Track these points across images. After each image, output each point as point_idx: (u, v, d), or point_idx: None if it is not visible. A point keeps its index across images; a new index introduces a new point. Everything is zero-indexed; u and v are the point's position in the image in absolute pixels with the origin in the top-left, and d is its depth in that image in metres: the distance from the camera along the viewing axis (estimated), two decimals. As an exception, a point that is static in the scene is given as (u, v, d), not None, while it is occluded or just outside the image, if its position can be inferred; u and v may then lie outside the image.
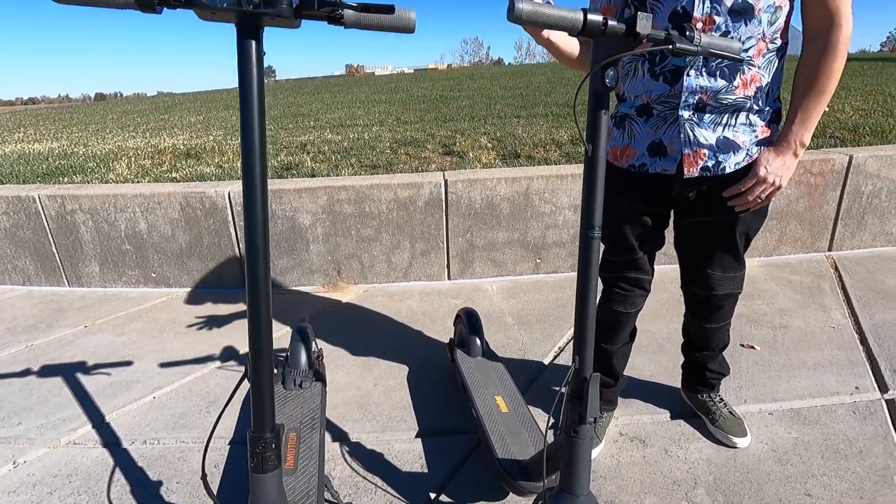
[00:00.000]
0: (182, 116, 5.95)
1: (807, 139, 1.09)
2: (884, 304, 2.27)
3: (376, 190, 2.60)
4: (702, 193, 1.17)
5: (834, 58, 1.03)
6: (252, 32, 0.74)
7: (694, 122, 1.11)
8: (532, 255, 2.76)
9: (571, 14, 0.79)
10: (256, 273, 0.84)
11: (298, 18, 0.74)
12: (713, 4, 1.02)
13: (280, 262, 2.73)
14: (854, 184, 2.77)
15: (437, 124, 4.29)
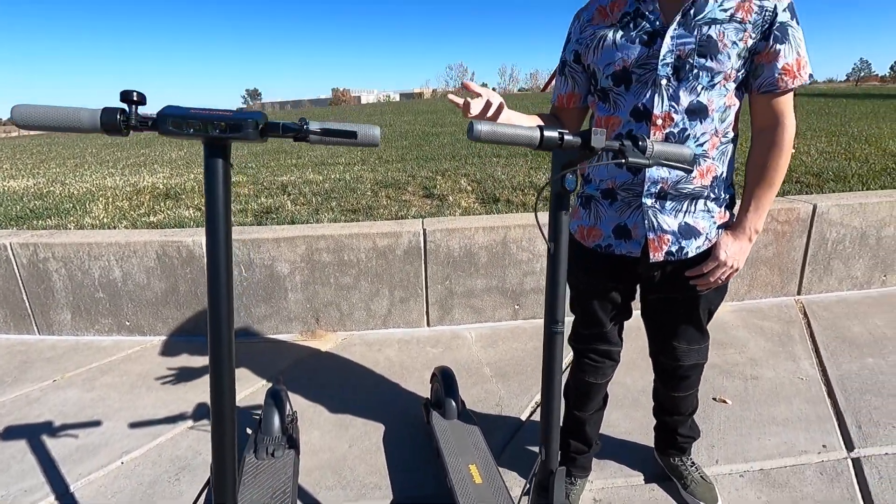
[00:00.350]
0: (163, 151, 5.93)
1: (760, 226, 1.15)
2: (849, 352, 2.33)
3: (355, 239, 2.62)
4: (666, 274, 1.22)
5: (780, 155, 1.10)
6: (219, 151, 0.76)
7: (656, 209, 1.15)
8: (510, 302, 2.78)
9: (528, 132, 0.83)
10: (220, 366, 0.84)
11: (264, 137, 0.76)
12: (671, 103, 1.08)
13: (257, 309, 2.71)
14: (819, 231, 2.87)
15: (419, 164, 4.35)
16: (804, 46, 1.08)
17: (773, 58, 1.06)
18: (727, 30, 1.04)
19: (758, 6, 1.03)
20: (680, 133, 1.09)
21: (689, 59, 1.05)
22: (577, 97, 1.26)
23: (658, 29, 1.08)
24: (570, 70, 1.24)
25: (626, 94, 1.13)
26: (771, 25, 1.04)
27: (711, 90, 1.07)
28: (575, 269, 1.31)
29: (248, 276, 2.66)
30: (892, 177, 3.50)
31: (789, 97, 1.10)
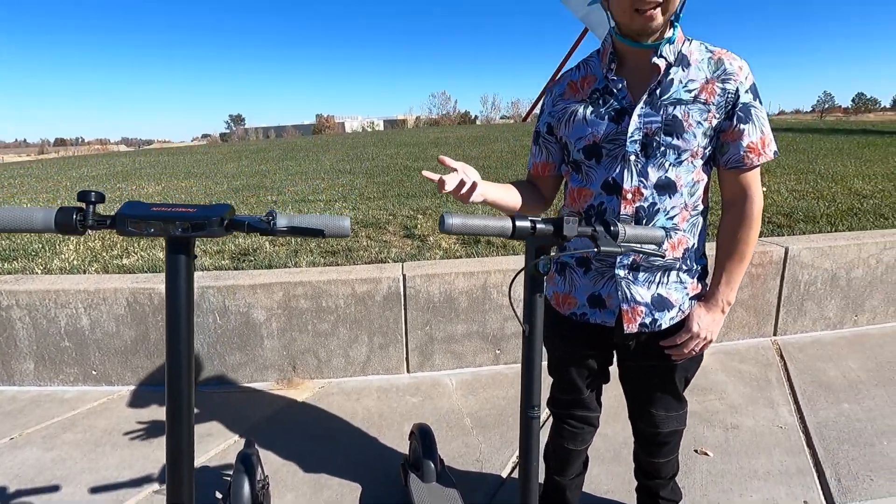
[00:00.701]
0: (140, 186, 5.83)
1: (732, 298, 1.17)
2: (826, 398, 2.35)
3: (334, 285, 2.58)
4: (641, 342, 1.22)
5: (749, 228, 1.13)
6: (182, 248, 0.74)
7: (629, 279, 1.16)
8: (492, 347, 2.76)
9: (500, 222, 0.83)
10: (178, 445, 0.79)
11: (230, 232, 0.74)
12: (640, 179, 1.10)
13: (232, 357, 2.63)
14: (792, 273, 2.93)
15: (400, 202, 4.35)
16: (767, 124, 1.11)
17: (738, 136, 1.09)
18: (692, 110, 1.06)
19: (720, 88, 1.07)
20: (650, 207, 1.11)
21: (655, 136, 1.08)
22: (551, 166, 1.28)
23: (626, 107, 1.10)
24: (544, 140, 1.26)
25: (598, 168, 1.15)
26: (734, 107, 1.07)
27: (679, 166, 1.10)
28: (551, 336, 1.30)
29: (222, 324, 2.59)
30: (857, 217, 3.62)
31: (756, 172, 1.13)
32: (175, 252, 0.73)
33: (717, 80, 1.07)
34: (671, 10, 1.02)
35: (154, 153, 12.08)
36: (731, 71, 1.07)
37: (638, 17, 1.01)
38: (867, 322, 3.11)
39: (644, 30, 1.03)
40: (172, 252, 0.73)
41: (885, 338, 2.95)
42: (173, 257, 0.73)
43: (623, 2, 1.01)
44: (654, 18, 1.00)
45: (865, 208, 3.80)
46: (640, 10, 1.00)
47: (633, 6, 1.00)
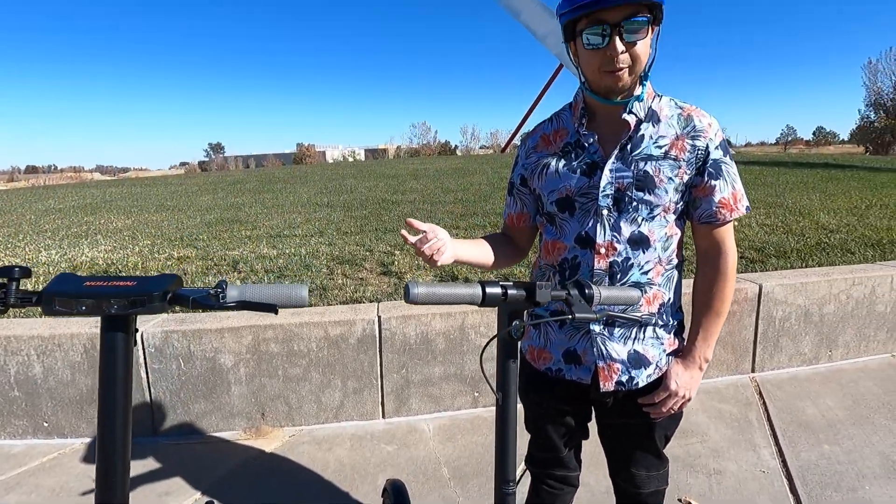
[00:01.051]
0: (109, 219, 5.66)
1: (709, 355, 1.14)
2: (806, 439, 2.33)
3: (306, 328, 2.49)
4: (618, 400, 1.18)
5: (725, 283, 1.11)
6: (120, 325, 0.67)
7: (605, 335, 1.12)
8: (470, 389, 2.68)
9: (469, 289, 0.78)
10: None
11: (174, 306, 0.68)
12: (613, 233, 1.08)
13: (196, 406, 2.49)
14: (766, 310, 2.96)
15: (377, 237, 4.30)
16: (738, 180, 1.11)
17: (710, 192, 1.08)
18: (662, 166, 1.06)
19: (690, 145, 1.06)
20: (624, 262, 1.09)
21: (627, 191, 1.06)
22: (526, 217, 1.26)
23: (598, 161, 1.09)
24: (518, 192, 1.24)
25: (571, 221, 1.12)
26: (704, 163, 1.07)
27: (652, 221, 1.08)
28: (527, 391, 1.26)
29: (187, 370, 2.47)
30: (826, 252, 3.71)
31: (729, 227, 1.12)
32: (112, 330, 0.66)
33: (687, 137, 1.07)
34: (638, 69, 1.02)
35: (127, 184, 11.84)
36: (700, 128, 1.07)
37: (606, 76, 1.02)
38: (841, 357, 3.14)
39: (612, 88, 1.03)
40: (109, 330, 0.66)
41: (859, 373, 2.98)
42: (110, 337, 0.66)
43: (592, 62, 1.02)
44: (621, 78, 1.01)
45: (833, 243, 3.90)
46: (608, 70, 1.00)
47: (602, 67, 1.00)
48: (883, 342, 3.20)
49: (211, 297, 0.67)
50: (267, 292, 0.71)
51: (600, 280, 1.10)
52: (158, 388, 2.48)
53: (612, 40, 0.97)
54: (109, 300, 0.62)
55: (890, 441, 2.29)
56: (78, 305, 0.62)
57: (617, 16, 0.96)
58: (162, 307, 0.65)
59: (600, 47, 0.99)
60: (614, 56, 0.98)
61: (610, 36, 0.97)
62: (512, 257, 1.27)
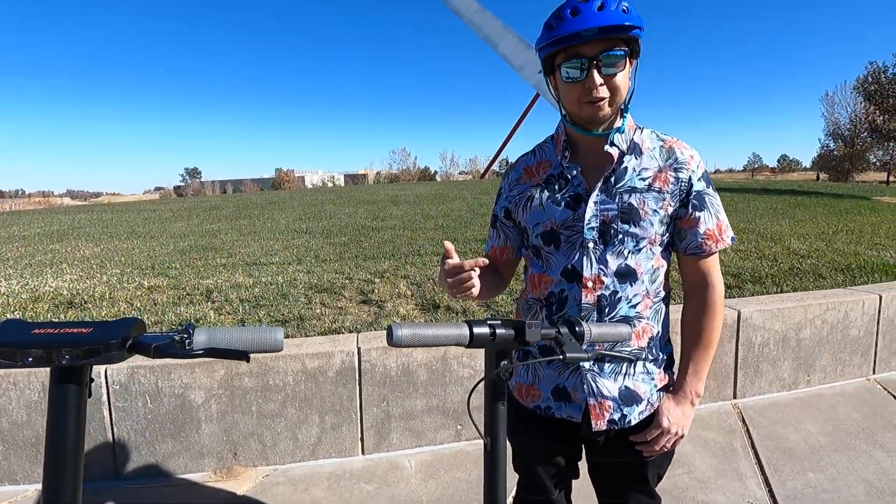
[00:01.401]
0: (76, 247, 5.45)
1: (701, 389, 1.12)
2: (791, 466, 2.32)
3: (282, 361, 2.39)
4: (610, 438, 1.14)
5: (713, 315, 1.10)
6: (73, 377, 0.60)
7: (595, 371, 1.09)
8: (453, 422, 2.60)
9: (456, 330, 0.74)
10: None
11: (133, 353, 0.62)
12: (600, 266, 1.06)
13: (163, 446, 2.35)
14: (746, 336, 2.98)
15: (357, 264, 4.24)
16: (722, 211, 1.11)
17: (695, 224, 1.08)
18: (647, 198, 1.05)
19: (673, 177, 1.06)
20: (611, 295, 1.07)
21: (613, 224, 1.05)
22: (509, 249, 1.23)
23: (581, 193, 1.08)
24: (502, 225, 1.22)
25: (557, 254, 1.11)
26: (688, 195, 1.07)
27: (638, 254, 1.07)
28: (514, 429, 1.21)
29: (154, 408, 2.33)
30: (799, 277, 3.79)
31: (715, 258, 1.12)
32: (63, 382, 0.60)
33: (670, 169, 1.07)
34: (618, 101, 1.03)
35: (98, 209, 11.52)
36: (682, 160, 1.07)
37: (586, 107, 1.02)
38: (819, 381, 3.17)
39: (592, 119, 1.03)
40: (59, 382, 0.59)
41: (837, 398, 3.01)
42: (60, 389, 0.60)
43: (571, 94, 1.02)
44: (601, 108, 1.01)
45: (805, 268, 4.00)
46: (587, 101, 1.00)
47: (581, 98, 1.01)
48: (858, 366, 3.25)
49: (175, 344, 0.61)
50: (238, 336, 0.66)
51: (589, 314, 1.07)
52: (122, 428, 2.34)
53: (590, 73, 0.98)
54: (60, 350, 0.56)
55: (872, 468, 2.29)
56: (23, 357, 0.55)
57: (594, 49, 0.97)
58: (120, 356, 0.59)
59: (578, 80, 0.99)
60: (593, 88, 0.98)
61: (588, 69, 0.98)
62: (496, 288, 1.24)
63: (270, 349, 0.67)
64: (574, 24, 0.95)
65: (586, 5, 0.96)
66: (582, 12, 0.96)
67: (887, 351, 3.30)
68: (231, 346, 0.64)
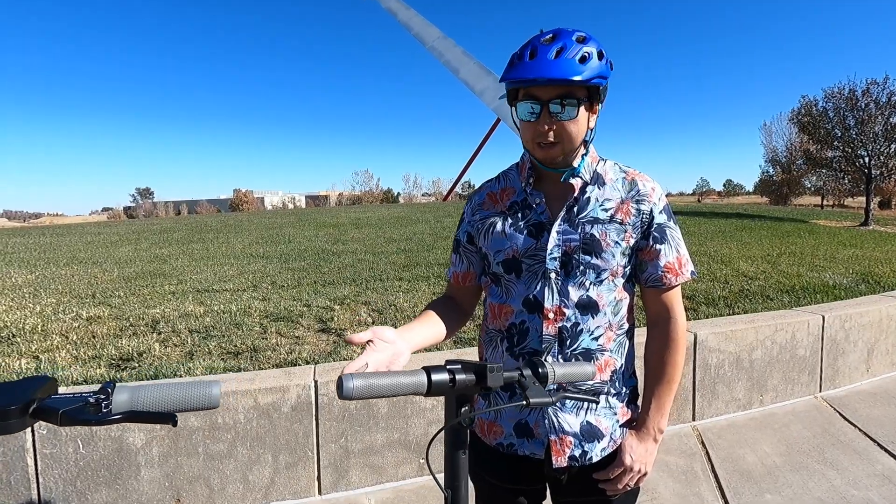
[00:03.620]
0: (7, 273, 5.05)
1: (664, 425, 1.10)
2: (749, 489, 2.35)
3: (232, 397, 2.25)
4: (573, 476, 1.10)
5: (676, 350, 1.09)
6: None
7: (557, 406, 1.06)
8: (415, 456, 2.50)
9: (412, 378, 0.69)
10: None
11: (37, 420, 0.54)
12: (561, 298, 1.04)
13: (96, 496, 2.14)
14: (702, 358, 3.05)
15: (316, 290, 4.11)
16: (683, 244, 1.11)
17: (655, 256, 1.08)
18: (609, 230, 1.05)
19: (635, 209, 1.06)
20: (573, 327, 1.04)
21: (574, 255, 1.04)
22: (472, 276, 1.20)
23: (544, 222, 1.07)
24: (465, 250, 1.19)
25: (518, 283, 1.08)
26: (649, 227, 1.07)
27: (600, 285, 1.05)
28: (477, 470, 1.15)
29: (86, 453, 2.13)
30: (749, 299, 3.94)
31: (677, 291, 1.11)
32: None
33: (632, 201, 1.07)
34: (570, 147, 1.03)
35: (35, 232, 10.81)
36: (644, 192, 1.07)
37: (538, 148, 1.03)
38: (771, 401, 3.27)
39: (545, 160, 1.04)
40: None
41: (789, 416, 3.10)
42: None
43: (526, 133, 1.04)
44: (552, 152, 1.02)
45: (754, 289, 4.17)
46: (538, 142, 1.00)
47: (534, 139, 1.01)
48: (806, 384, 3.38)
49: (89, 409, 0.53)
50: (167, 394, 0.58)
51: (550, 346, 1.04)
52: (49, 478, 2.12)
53: (541, 117, 0.99)
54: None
55: (825, 486, 2.35)
56: None
57: (549, 94, 0.97)
58: (21, 424, 0.51)
59: (531, 122, 0.99)
60: (543, 132, 0.99)
61: (539, 113, 0.98)
62: (460, 322, 1.20)
63: (205, 406, 0.60)
64: (528, 69, 0.96)
65: (545, 48, 0.96)
66: (538, 56, 0.96)
67: (831, 369, 3.45)
68: (158, 406, 0.57)
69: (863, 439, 2.80)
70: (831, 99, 14.57)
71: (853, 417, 3.04)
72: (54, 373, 2.59)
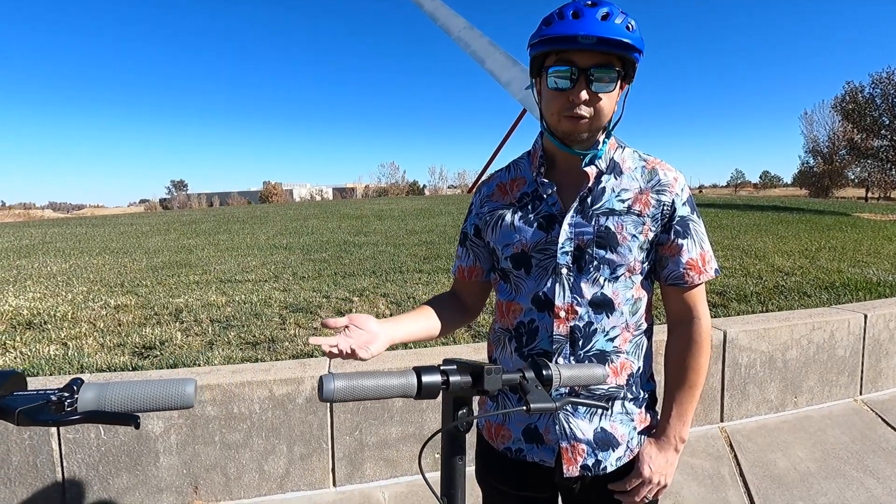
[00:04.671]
0: (44, 263, 5.24)
1: (685, 434, 1.03)
2: (780, 495, 2.23)
3: (248, 388, 2.25)
4: (586, 486, 1.03)
5: (699, 353, 1.01)
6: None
7: (568, 412, 1.00)
8: (430, 451, 2.47)
9: (400, 379, 0.64)
10: None
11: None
12: (573, 295, 0.97)
13: (117, 480, 2.19)
14: (732, 357, 2.91)
15: (336, 282, 4.11)
16: (707, 240, 1.03)
17: (677, 252, 1.00)
18: (626, 222, 0.97)
19: (655, 200, 0.98)
20: (586, 327, 0.97)
21: (588, 249, 0.97)
22: (479, 271, 1.13)
23: (556, 214, 0.99)
24: (472, 243, 1.12)
25: (527, 279, 1.01)
26: (671, 219, 0.99)
27: (615, 282, 0.98)
28: (484, 474, 1.10)
29: (107, 439, 2.17)
30: (784, 296, 3.75)
31: (700, 290, 1.03)
32: None
33: (652, 191, 0.98)
34: (599, 124, 0.95)
35: (72, 223, 11.23)
36: (665, 182, 0.99)
37: (565, 120, 0.94)
38: (806, 403, 3.10)
39: (570, 135, 0.95)
40: None
41: (825, 420, 2.94)
42: None
43: (554, 104, 0.94)
44: (580, 126, 0.93)
45: (790, 286, 3.97)
46: (568, 115, 0.92)
47: (563, 111, 0.93)
48: (845, 386, 3.20)
49: (50, 407, 0.50)
50: (138, 392, 0.55)
51: (561, 347, 0.97)
52: (73, 462, 2.17)
53: (578, 85, 0.90)
54: None
55: (864, 496, 2.21)
56: None
57: (587, 60, 0.90)
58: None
59: (564, 90, 0.91)
60: (577, 102, 0.90)
61: (577, 80, 0.90)
62: (460, 320, 1.14)
63: (179, 405, 0.57)
64: (574, 26, 0.87)
65: (590, 10, 0.89)
66: (584, 16, 0.88)
67: (873, 371, 3.25)
68: (128, 405, 0.54)
69: (907, 446, 2.63)
70: (879, 85, 13.79)
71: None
72: (80, 360, 2.66)
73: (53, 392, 0.52)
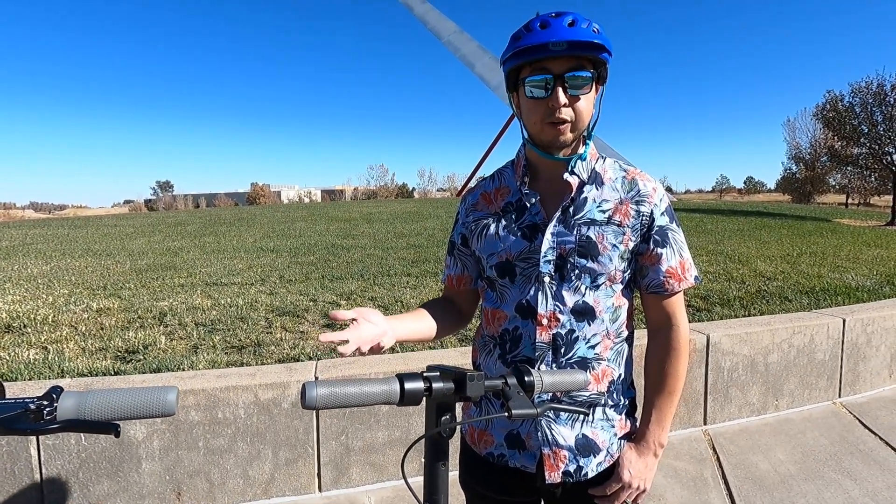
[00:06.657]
0: (24, 265, 5.15)
1: (664, 439, 1.05)
2: (761, 497, 2.27)
3: (233, 392, 2.24)
4: (567, 491, 1.04)
5: (678, 359, 1.03)
6: None
7: (550, 418, 1.01)
8: (416, 455, 2.46)
9: (383, 386, 0.65)
10: None
11: None
12: (555, 303, 0.98)
13: (98, 487, 2.15)
14: (715, 360, 2.95)
15: (323, 285, 4.10)
16: (686, 248, 1.05)
17: (656, 261, 1.02)
18: (606, 232, 0.98)
19: (635, 210, 1.00)
20: (568, 335, 0.99)
21: (570, 258, 0.98)
22: (467, 279, 1.14)
23: (539, 223, 1.01)
24: (459, 252, 1.14)
25: (512, 288, 1.02)
26: (650, 229, 1.01)
27: (596, 290, 0.99)
28: (468, 479, 1.11)
29: (88, 445, 2.14)
30: (766, 300, 3.82)
31: (679, 298, 1.05)
32: None
33: (631, 202, 1.00)
34: (580, 126, 0.97)
35: (55, 224, 11.03)
36: (644, 192, 1.01)
37: (548, 128, 0.96)
38: (787, 406, 3.16)
39: (554, 142, 0.97)
40: None
41: (805, 423, 2.99)
42: None
43: (534, 113, 0.96)
44: (563, 132, 0.95)
45: (771, 290, 4.04)
46: (549, 122, 0.94)
47: (544, 119, 0.94)
48: (824, 389, 3.26)
49: (29, 416, 0.50)
50: (118, 400, 0.55)
51: (543, 354, 0.99)
52: (52, 468, 2.13)
53: (555, 91, 0.92)
54: None
55: (842, 498, 2.26)
56: None
57: (561, 67, 0.92)
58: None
59: (542, 98, 0.93)
60: (556, 108, 0.92)
61: (553, 87, 0.92)
62: (455, 324, 1.15)
63: (161, 413, 0.57)
64: (543, 35, 0.91)
65: (556, 20, 0.92)
66: (551, 26, 0.92)
67: (851, 374, 3.32)
68: (108, 413, 0.53)
69: (884, 448, 2.69)
70: (858, 94, 14.10)
71: (874, 425, 2.92)
72: (61, 364, 2.61)
73: (32, 400, 0.52)
